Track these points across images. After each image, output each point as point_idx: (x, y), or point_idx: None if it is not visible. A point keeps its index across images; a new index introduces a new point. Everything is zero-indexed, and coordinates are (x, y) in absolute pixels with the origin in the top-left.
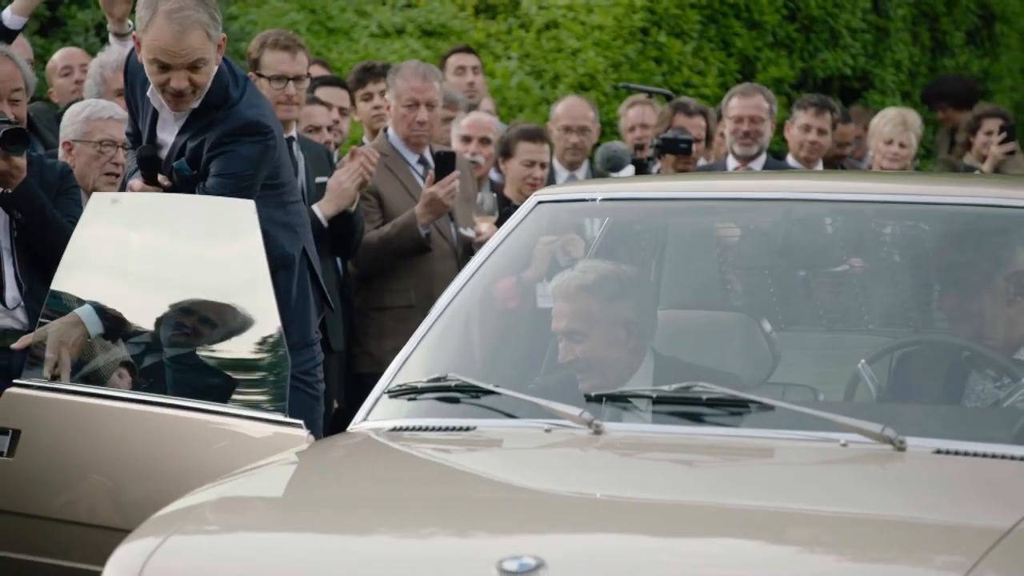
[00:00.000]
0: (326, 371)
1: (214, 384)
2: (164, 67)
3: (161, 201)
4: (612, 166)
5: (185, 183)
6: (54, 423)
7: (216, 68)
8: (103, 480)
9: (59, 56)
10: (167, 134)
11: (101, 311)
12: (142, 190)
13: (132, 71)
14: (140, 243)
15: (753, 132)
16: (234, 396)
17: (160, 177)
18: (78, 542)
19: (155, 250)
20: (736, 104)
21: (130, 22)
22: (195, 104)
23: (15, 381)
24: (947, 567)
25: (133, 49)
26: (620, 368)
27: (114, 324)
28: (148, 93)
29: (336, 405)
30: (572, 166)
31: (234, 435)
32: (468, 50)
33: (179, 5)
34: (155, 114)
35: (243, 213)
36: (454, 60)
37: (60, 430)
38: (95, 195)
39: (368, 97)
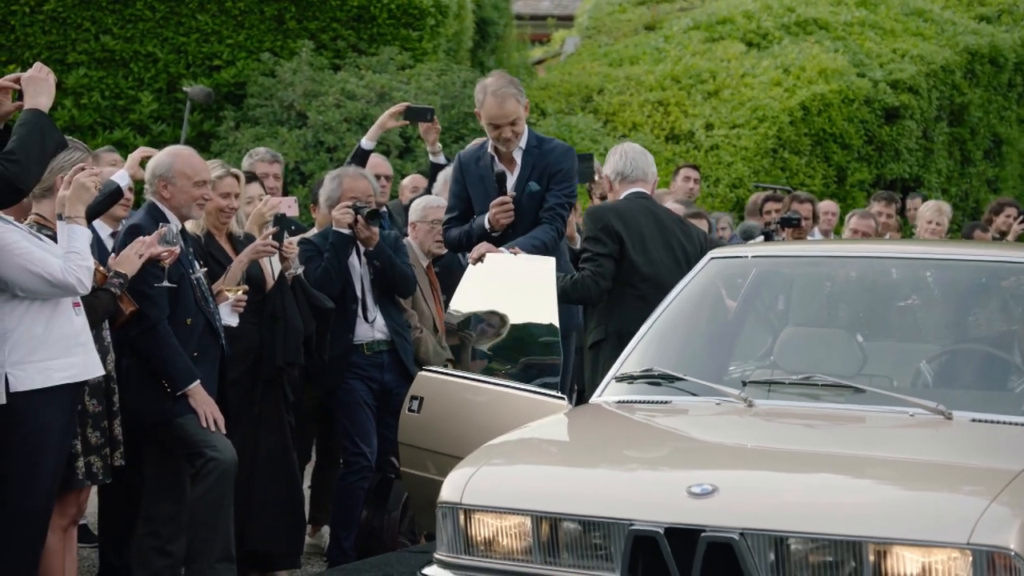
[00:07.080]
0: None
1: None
2: (495, 127)
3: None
4: (747, 236)
5: (530, 196)
6: (442, 393)
7: (524, 122)
8: (466, 427)
9: (408, 180)
10: (511, 176)
11: None
12: (500, 202)
13: (464, 161)
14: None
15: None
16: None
17: (510, 194)
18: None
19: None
20: (855, 221)
21: (439, 144)
22: (515, 146)
23: (423, 367)
24: (979, 494)
25: (459, 153)
26: None
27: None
28: (489, 148)
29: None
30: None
31: (526, 402)
32: (693, 166)
33: (497, 86)
34: (501, 174)
35: (545, 268)
36: (683, 172)
37: (446, 397)
38: (489, 256)
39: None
